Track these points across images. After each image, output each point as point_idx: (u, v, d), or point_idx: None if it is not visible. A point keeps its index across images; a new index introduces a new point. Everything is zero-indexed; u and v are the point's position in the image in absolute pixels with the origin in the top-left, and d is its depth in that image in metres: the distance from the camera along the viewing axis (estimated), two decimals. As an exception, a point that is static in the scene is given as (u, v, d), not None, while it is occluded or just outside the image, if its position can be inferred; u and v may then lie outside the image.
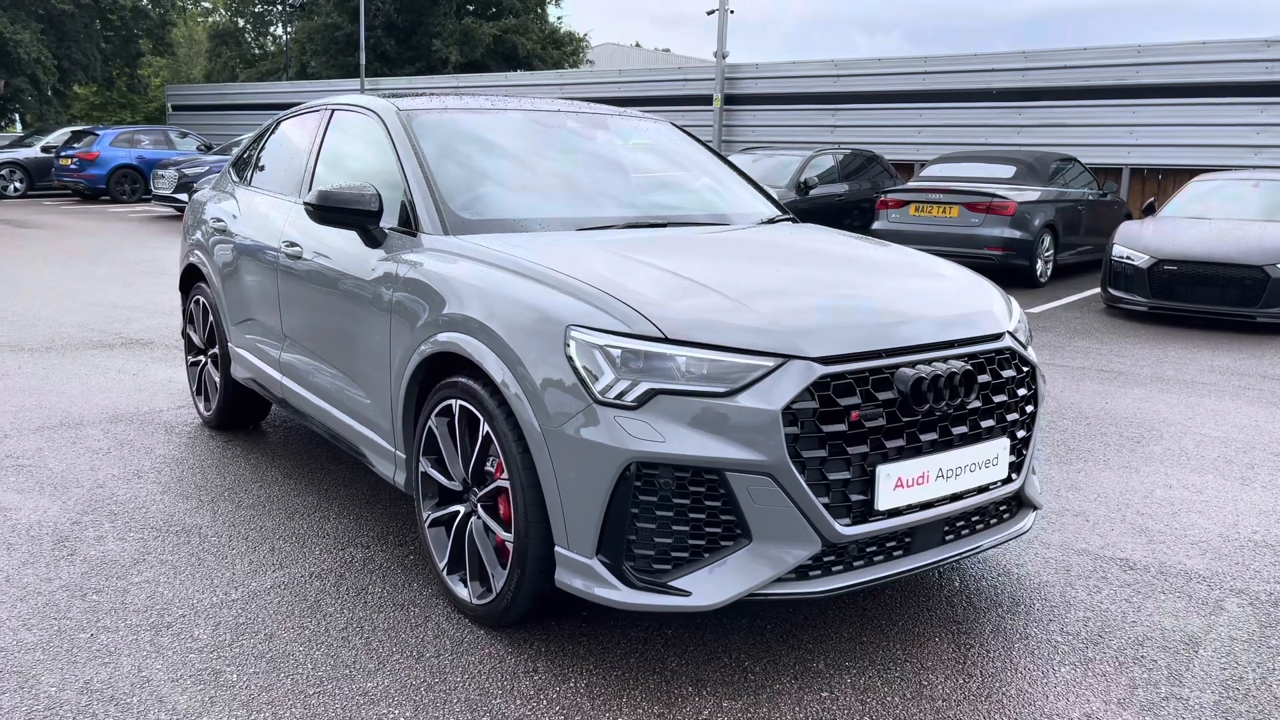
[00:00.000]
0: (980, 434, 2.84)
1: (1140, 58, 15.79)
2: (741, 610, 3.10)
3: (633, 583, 2.58)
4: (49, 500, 4.01)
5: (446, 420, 3.06)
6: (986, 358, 2.89)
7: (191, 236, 5.22)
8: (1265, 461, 4.84)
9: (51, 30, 31.04)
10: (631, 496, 2.54)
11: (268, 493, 4.16)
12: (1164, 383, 6.53)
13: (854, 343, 2.66)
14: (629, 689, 2.70)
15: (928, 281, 3.31)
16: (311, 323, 3.97)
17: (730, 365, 2.55)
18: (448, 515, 3.13)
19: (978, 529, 2.99)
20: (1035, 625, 3.11)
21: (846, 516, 2.60)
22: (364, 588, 3.28)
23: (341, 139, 4.25)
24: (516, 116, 4.18)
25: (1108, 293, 9.36)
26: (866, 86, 18.81)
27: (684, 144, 4.57)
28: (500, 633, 2.98)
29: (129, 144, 21.59)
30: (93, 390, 5.76)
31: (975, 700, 2.69)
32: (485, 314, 2.89)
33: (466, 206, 3.50)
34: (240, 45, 45.62)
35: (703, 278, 2.91)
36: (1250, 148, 14.81)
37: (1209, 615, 3.21)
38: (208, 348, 5.06)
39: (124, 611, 3.08)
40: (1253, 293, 8.37)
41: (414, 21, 35.91)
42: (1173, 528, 3.95)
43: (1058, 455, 4.88)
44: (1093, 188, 12.36)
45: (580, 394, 2.59)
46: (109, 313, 8.33)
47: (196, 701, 2.60)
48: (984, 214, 10.67)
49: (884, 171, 14.31)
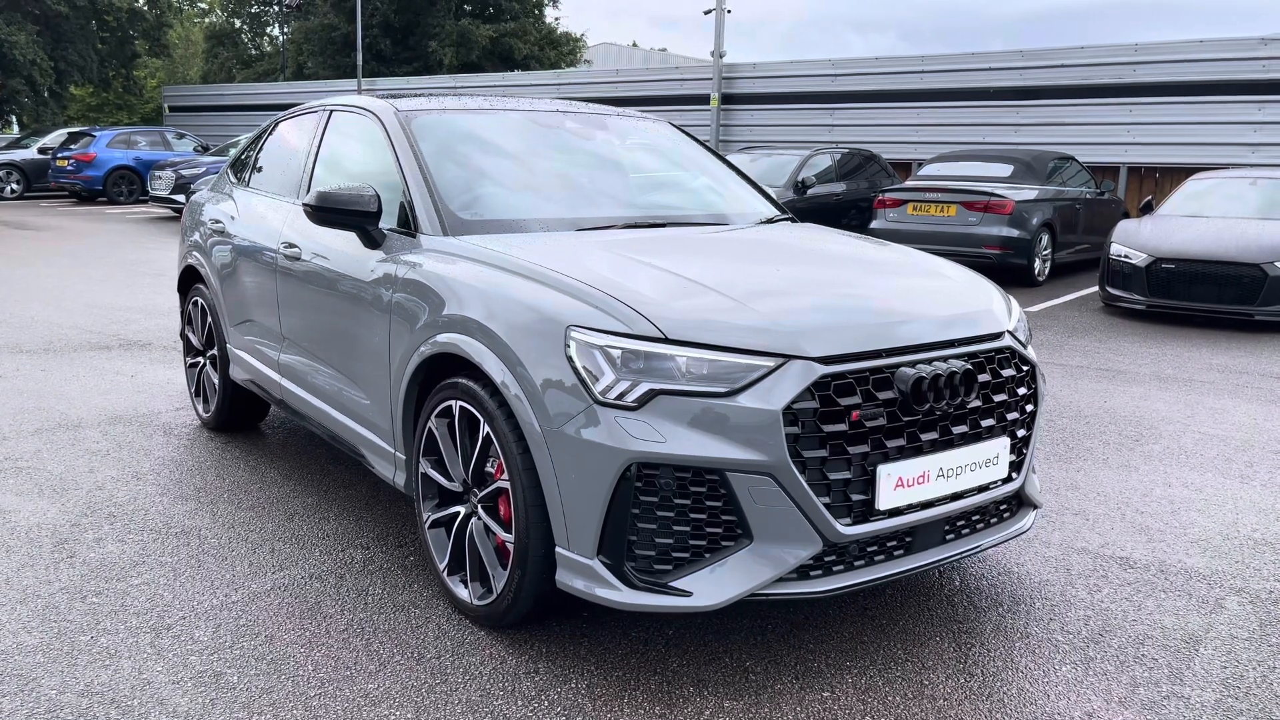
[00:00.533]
0: (980, 433, 2.84)
1: (1137, 56, 15.81)
2: (743, 610, 3.10)
3: (634, 583, 2.58)
4: (48, 502, 4.01)
5: (446, 421, 3.06)
6: (986, 357, 2.89)
7: (190, 238, 5.21)
8: (1264, 459, 4.85)
9: (47, 31, 31.01)
10: (632, 497, 2.54)
11: (267, 494, 4.15)
12: (1163, 381, 6.53)
13: (854, 342, 2.66)
14: (630, 689, 2.70)
15: (927, 281, 3.31)
16: (310, 324, 3.97)
17: (731, 365, 2.55)
18: (448, 516, 3.13)
19: (978, 528, 2.99)
20: (1036, 624, 3.12)
21: (847, 516, 2.60)
22: (364, 589, 3.28)
23: (340, 140, 4.25)
24: (515, 117, 4.17)
25: (1106, 291, 9.37)
26: (864, 86, 18.83)
27: (682, 144, 4.57)
28: (501, 634, 2.98)
29: (126, 145, 21.56)
30: (91, 392, 5.75)
31: (976, 699, 2.69)
32: (485, 315, 2.88)
33: (465, 207, 3.50)
34: (237, 46, 45.59)
35: (703, 278, 2.91)
36: (1247, 146, 14.83)
37: (1209, 613, 3.21)
38: (206, 349, 5.06)
39: (124, 614, 3.08)
40: (1250, 291, 8.38)
41: (411, 22, 35.88)
42: (1172, 526, 3.96)
43: (1057, 454, 4.88)
44: (1090, 186, 12.36)
45: (581, 394, 2.59)
46: (107, 314, 8.32)
47: (197, 704, 2.59)
48: (982, 213, 10.68)
49: (882, 171, 14.32)
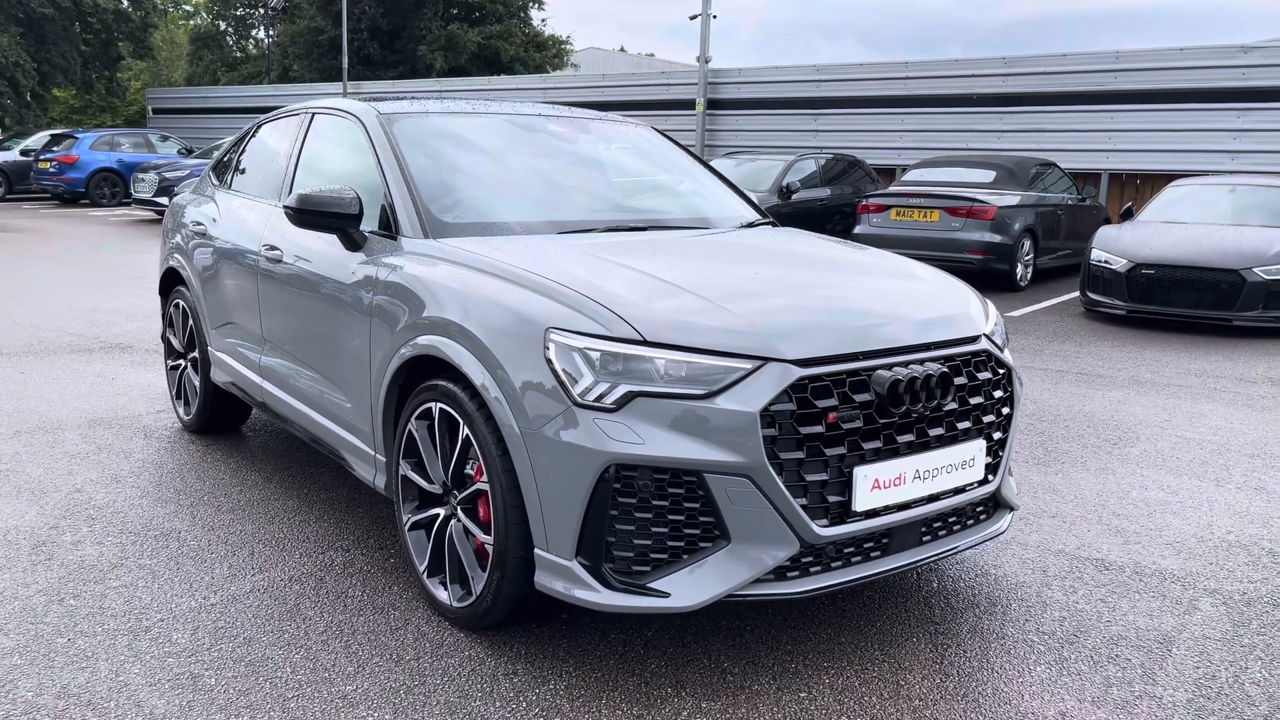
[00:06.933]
0: (957, 436, 2.86)
1: (1119, 64, 15.94)
2: (720, 611, 3.11)
3: (612, 584, 2.59)
4: (26, 505, 3.99)
5: (426, 423, 3.06)
6: (963, 360, 2.91)
7: (171, 240, 5.20)
8: (1239, 463, 4.90)
9: (31, 33, 30.85)
10: (610, 498, 2.55)
11: (247, 497, 4.14)
12: (1141, 385, 6.59)
13: (831, 345, 2.68)
14: (608, 690, 2.71)
15: (904, 284, 3.34)
16: (292, 326, 3.97)
17: (709, 367, 2.57)
18: (428, 518, 3.13)
19: (955, 530, 3.02)
20: (1012, 625, 3.14)
21: (824, 518, 2.62)
22: (344, 591, 3.28)
23: (322, 143, 4.24)
24: (497, 120, 4.18)
25: (1086, 296, 9.44)
26: (848, 91, 18.91)
27: (665, 148, 4.59)
28: (480, 635, 2.98)
29: (109, 147, 21.45)
30: (71, 395, 5.72)
31: (952, 699, 2.71)
32: (465, 317, 2.89)
33: (447, 210, 3.51)
34: (222, 49, 45.38)
35: (682, 281, 2.92)
36: (1227, 153, 14.97)
37: (1183, 615, 3.24)
38: (187, 351, 5.04)
39: (102, 616, 3.07)
40: (1229, 296, 8.47)
41: (398, 25, 35.82)
42: (1148, 528, 3.99)
43: (1036, 457, 4.92)
44: (1072, 192, 12.46)
45: (559, 396, 2.60)
46: (88, 317, 8.28)
47: (174, 706, 2.59)
48: (964, 218, 10.74)
49: (866, 176, 14.40)
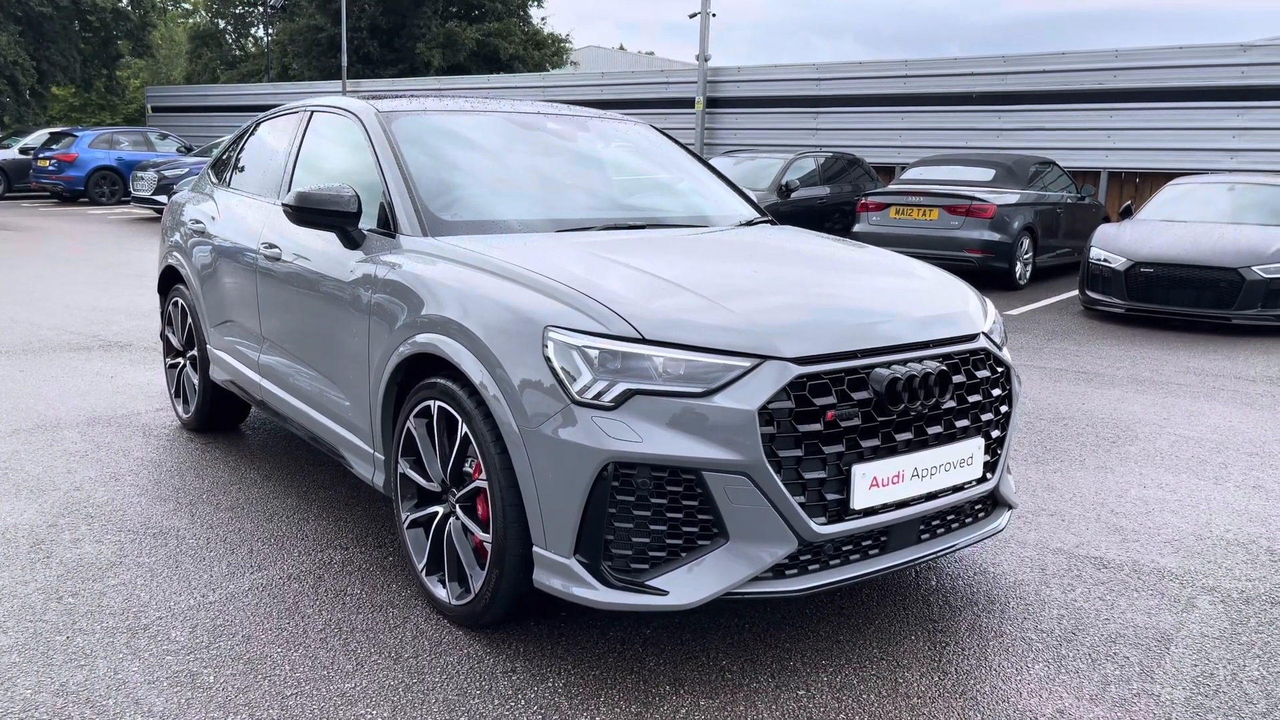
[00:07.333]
0: (955, 434, 2.86)
1: (1118, 62, 15.93)
2: (719, 609, 3.11)
3: (610, 582, 2.59)
4: (25, 503, 3.99)
5: (425, 421, 3.06)
6: (961, 358, 2.91)
7: (170, 238, 5.20)
8: (1238, 461, 4.90)
9: (30, 32, 30.81)
10: (609, 496, 2.55)
11: (246, 495, 4.15)
12: (1140, 384, 6.59)
13: (830, 343, 2.68)
14: (607, 688, 2.71)
15: (903, 282, 3.34)
16: (290, 325, 3.97)
17: (707, 366, 2.57)
18: (426, 516, 3.13)
19: (953, 528, 3.02)
20: (1010, 623, 3.14)
21: (822, 515, 2.62)
22: (343, 589, 3.28)
23: (320, 141, 4.24)
24: (496, 118, 4.18)
25: (1086, 295, 9.45)
26: (848, 90, 18.90)
27: (664, 146, 4.59)
28: (478, 633, 2.98)
29: (108, 145, 21.44)
30: (70, 393, 5.72)
31: (950, 697, 2.71)
32: (463, 315, 2.89)
33: (445, 208, 3.51)
34: (221, 47, 45.32)
35: (681, 279, 2.92)
36: (1226, 151, 14.97)
37: (1181, 613, 3.25)
38: (186, 350, 5.04)
39: (100, 614, 3.07)
40: (1228, 295, 8.47)
41: (397, 24, 35.79)
42: (1147, 527, 4.00)
43: (1034, 455, 4.92)
44: (1071, 191, 12.46)
45: (558, 394, 2.60)
46: (87, 315, 8.28)
47: (173, 704, 2.59)
48: (964, 217, 10.74)
49: (865, 174, 14.39)
